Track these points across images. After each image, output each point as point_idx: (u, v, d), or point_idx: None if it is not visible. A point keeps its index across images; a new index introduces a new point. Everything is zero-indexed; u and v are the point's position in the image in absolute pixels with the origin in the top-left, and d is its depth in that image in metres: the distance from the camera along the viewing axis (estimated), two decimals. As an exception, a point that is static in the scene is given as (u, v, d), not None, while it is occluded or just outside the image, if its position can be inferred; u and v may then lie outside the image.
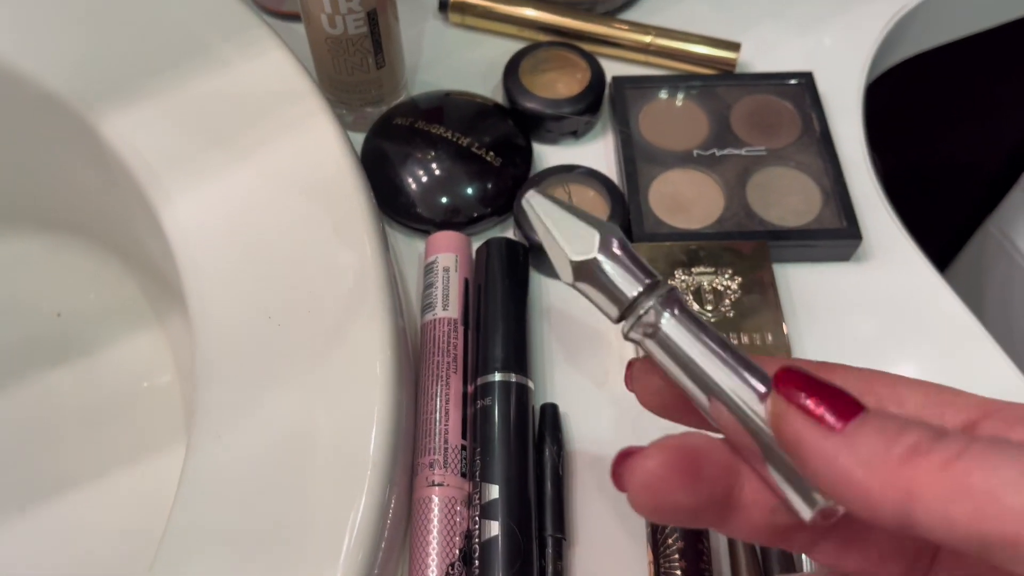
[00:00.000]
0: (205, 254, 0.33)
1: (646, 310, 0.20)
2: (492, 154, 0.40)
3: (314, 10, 0.37)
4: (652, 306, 0.20)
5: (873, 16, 0.48)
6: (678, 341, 0.20)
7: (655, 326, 0.20)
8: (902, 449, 0.15)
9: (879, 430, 0.16)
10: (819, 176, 0.40)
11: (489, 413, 0.32)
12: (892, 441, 0.16)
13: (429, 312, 0.35)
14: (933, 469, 0.15)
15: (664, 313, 0.20)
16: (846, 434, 0.16)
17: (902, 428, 0.16)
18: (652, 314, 0.20)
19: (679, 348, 0.20)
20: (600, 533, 0.32)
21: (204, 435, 0.29)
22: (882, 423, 0.16)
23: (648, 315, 0.20)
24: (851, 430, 0.16)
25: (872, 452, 0.16)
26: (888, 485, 0.15)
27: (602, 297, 0.21)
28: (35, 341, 0.44)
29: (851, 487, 0.16)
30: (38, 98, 0.37)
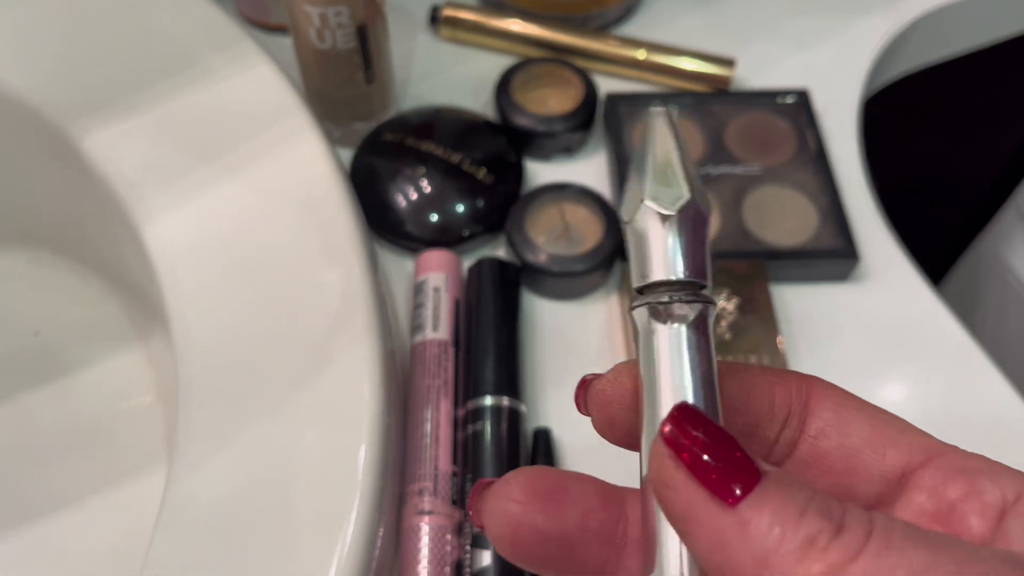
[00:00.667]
0: (188, 274, 0.32)
1: (673, 299, 0.17)
2: (484, 171, 0.39)
3: (302, 24, 0.36)
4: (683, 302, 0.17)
5: (869, 33, 0.48)
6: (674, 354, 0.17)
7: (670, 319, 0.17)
8: (798, 543, 0.14)
9: (777, 511, 0.14)
10: (816, 195, 0.39)
11: (480, 438, 0.31)
12: (789, 530, 0.14)
13: (419, 333, 0.35)
14: (828, 571, 0.14)
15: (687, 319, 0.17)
16: (740, 513, 0.14)
17: (801, 513, 0.14)
18: (676, 307, 0.17)
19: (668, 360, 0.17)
20: (594, 562, 0.32)
21: (185, 462, 0.28)
22: (780, 502, 0.14)
23: (673, 306, 0.17)
24: (745, 508, 0.14)
25: (765, 542, 0.14)
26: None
27: (640, 257, 0.18)
28: (13, 360, 0.43)
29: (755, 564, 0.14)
30: (18, 112, 0.36)
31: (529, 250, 0.37)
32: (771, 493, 0.14)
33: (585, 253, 0.37)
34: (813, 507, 0.14)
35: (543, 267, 0.37)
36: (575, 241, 0.38)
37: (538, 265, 0.37)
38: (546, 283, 0.37)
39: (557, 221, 0.38)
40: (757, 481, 0.15)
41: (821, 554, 0.14)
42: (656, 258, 0.17)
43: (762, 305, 0.36)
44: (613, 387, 0.18)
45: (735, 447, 0.15)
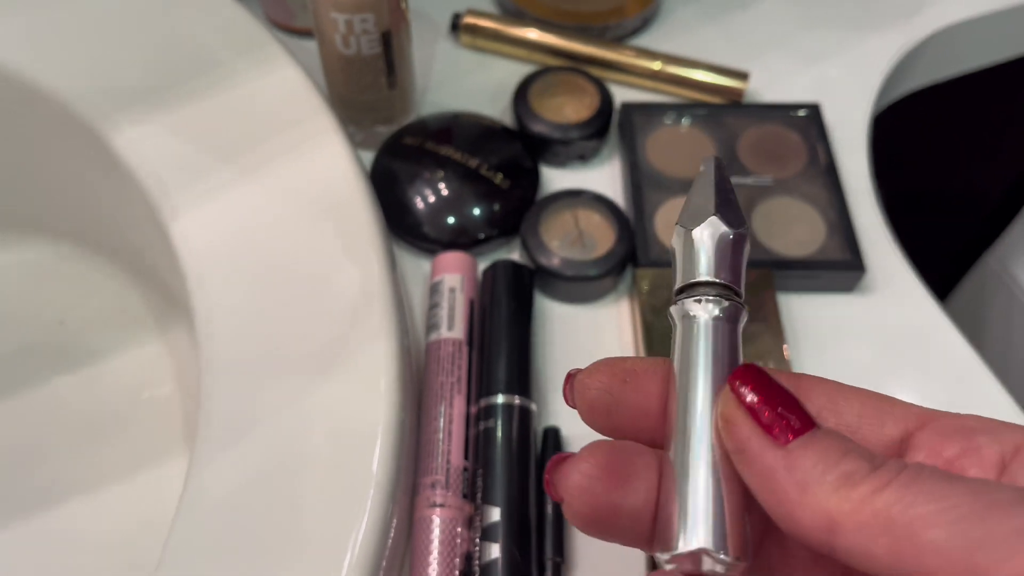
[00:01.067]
0: (212, 269, 0.33)
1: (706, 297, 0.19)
2: (500, 176, 0.40)
3: (328, 30, 0.37)
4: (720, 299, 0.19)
5: (882, 49, 0.48)
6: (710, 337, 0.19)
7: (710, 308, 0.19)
8: (836, 476, 0.16)
9: (821, 452, 0.16)
10: (824, 207, 0.40)
11: (492, 435, 0.32)
12: (830, 466, 0.16)
13: (434, 332, 0.36)
14: (859, 500, 0.15)
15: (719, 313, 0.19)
16: (789, 450, 0.16)
17: (843, 454, 0.16)
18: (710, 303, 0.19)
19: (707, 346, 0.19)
20: (600, 557, 0.32)
21: (207, 450, 0.29)
22: (826, 446, 0.16)
23: (706, 303, 0.19)
24: (795, 447, 0.16)
25: (808, 475, 0.16)
26: (816, 511, 0.16)
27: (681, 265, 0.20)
28: (37, 348, 0.44)
29: (782, 505, 0.16)
30: (51, 108, 0.37)
31: (543, 254, 0.38)
32: (818, 439, 0.16)
33: (597, 258, 0.38)
34: (854, 451, 0.16)
35: (556, 271, 0.38)
36: (588, 246, 0.39)
37: (551, 269, 0.38)
38: (559, 287, 0.38)
39: (571, 226, 0.39)
40: (808, 429, 0.16)
41: (855, 486, 0.15)
42: (704, 263, 0.20)
43: (769, 313, 0.37)
44: (592, 378, 0.20)
45: (794, 402, 0.17)
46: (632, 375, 0.20)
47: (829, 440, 0.16)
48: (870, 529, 0.15)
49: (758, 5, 0.50)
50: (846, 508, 0.15)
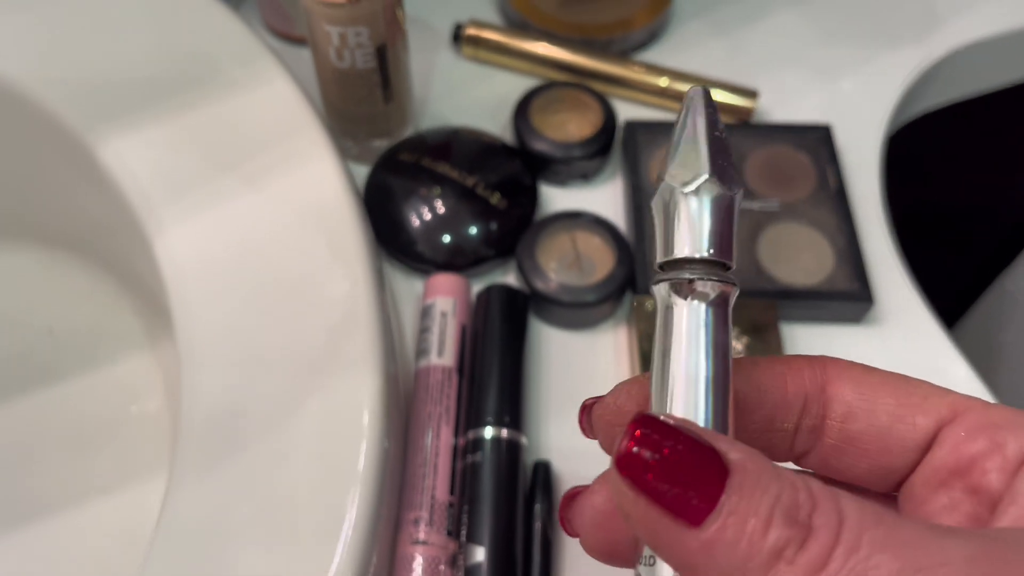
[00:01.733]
0: (196, 288, 0.32)
1: (694, 278, 0.17)
2: (498, 196, 0.39)
3: (322, 43, 0.36)
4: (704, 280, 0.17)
5: (897, 68, 0.47)
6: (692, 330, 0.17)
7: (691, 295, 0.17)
8: (764, 557, 0.14)
9: (741, 524, 0.14)
10: (833, 234, 0.39)
11: (479, 470, 0.31)
12: (756, 544, 0.14)
13: (423, 358, 0.34)
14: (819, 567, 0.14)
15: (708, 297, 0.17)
16: (704, 533, 0.14)
17: (767, 522, 0.14)
18: (698, 285, 0.17)
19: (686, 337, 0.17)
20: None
21: (183, 481, 0.28)
22: (745, 513, 0.14)
23: (696, 284, 0.17)
24: (710, 527, 0.14)
25: (732, 561, 0.14)
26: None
27: (665, 233, 0.18)
28: (25, 356, 0.44)
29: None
30: (38, 117, 0.36)
31: (539, 277, 0.37)
32: (734, 503, 0.14)
33: (595, 284, 0.36)
34: (779, 512, 0.14)
35: (552, 296, 0.36)
36: (586, 271, 0.37)
37: (547, 294, 0.36)
38: (554, 312, 0.37)
39: (568, 249, 0.38)
40: (721, 489, 0.14)
41: (788, 567, 0.14)
42: (680, 235, 0.17)
43: (772, 346, 0.35)
44: (613, 411, 0.18)
45: (697, 448, 0.15)
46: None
47: (747, 500, 0.14)
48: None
49: (769, 19, 0.49)
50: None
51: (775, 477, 0.14)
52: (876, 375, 0.18)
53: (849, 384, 0.18)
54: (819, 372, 0.18)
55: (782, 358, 0.19)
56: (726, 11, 0.49)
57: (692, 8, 0.49)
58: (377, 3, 0.34)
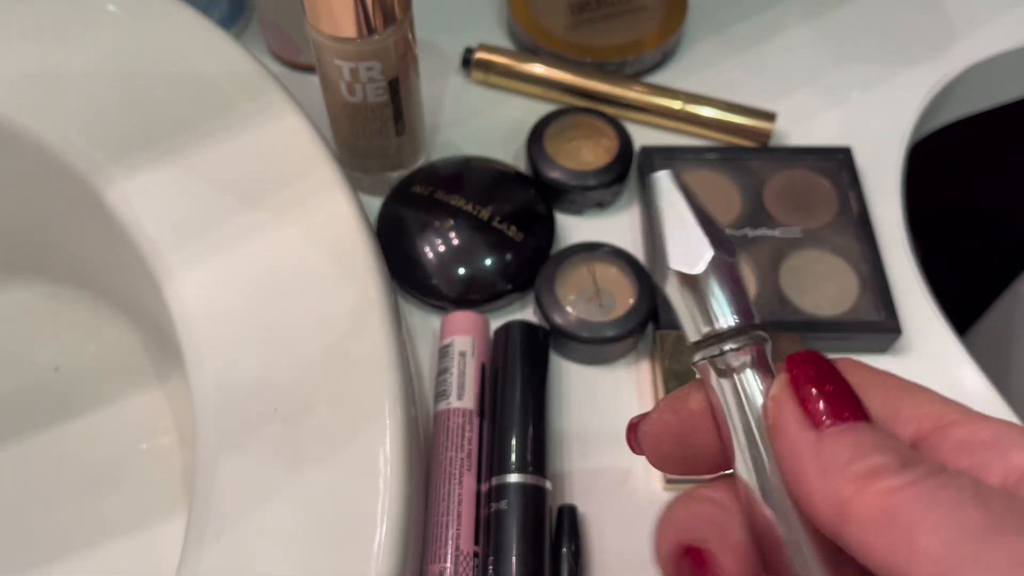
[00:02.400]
0: (209, 334, 0.31)
1: (729, 349, 0.18)
2: (513, 228, 0.38)
3: (332, 77, 0.35)
4: (739, 348, 0.18)
5: (915, 85, 0.46)
6: (751, 395, 0.18)
7: (732, 369, 0.18)
8: (860, 468, 0.15)
9: (854, 443, 0.16)
10: (856, 261, 0.38)
11: (504, 518, 0.30)
12: (857, 457, 0.16)
13: (443, 400, 0.34)
14: (875, 494, 0.15)
15: (746, 360, 0.18)
16: (822, 435, 0.16)
17: (875, 449, 0.16)
18: (733, 356, 0.18)
19: (746, 402, 0.18)
20: (618, 650, 0.30)
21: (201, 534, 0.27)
22: (861, 438, 0.16)
23: (729, 356, 0.18)
24: (829, 434, 0.16)
25: (832, 461, 0.16)
26: (831, 497, 0.15)
27: (688, 314, 0.19)
28: (31, 395, 0.43)
29: (801, 485, 0.16)
30: (43, 158, 0.36)
31: (558, 312, 0.36)
32: (856, 431, 0.16)
33: (616, 319, 0.36)
34: (891, 448, 0.16)
35: (572, 332, 0.35)
36: (606, 304, 0.37)
37: (567, 330, 0.35)
38: (574, 347, 0.36)
39: (588, 283, 0.37)
40: (852, 421, 0.16)
41: (875, 480, 0.15)
42: (700, 314, 0.18)
43: (799, 380, 0.35)
44: (658, 427, 0.20)
45: (847, 392, 0.17)
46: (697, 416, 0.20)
47: (867, 434, 0.16)
48: (875, 524, 0.15)
49: (783, 38, 0.48)
50: (859, 499, 0.15)
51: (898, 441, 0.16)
52: (876, 377, 0.18)
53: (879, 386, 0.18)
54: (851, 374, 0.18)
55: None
56: (739, 30, 0.48)
57: (704, 28, 0.48)
58: (389, 37, 0.34)
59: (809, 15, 0.49)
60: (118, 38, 0.38)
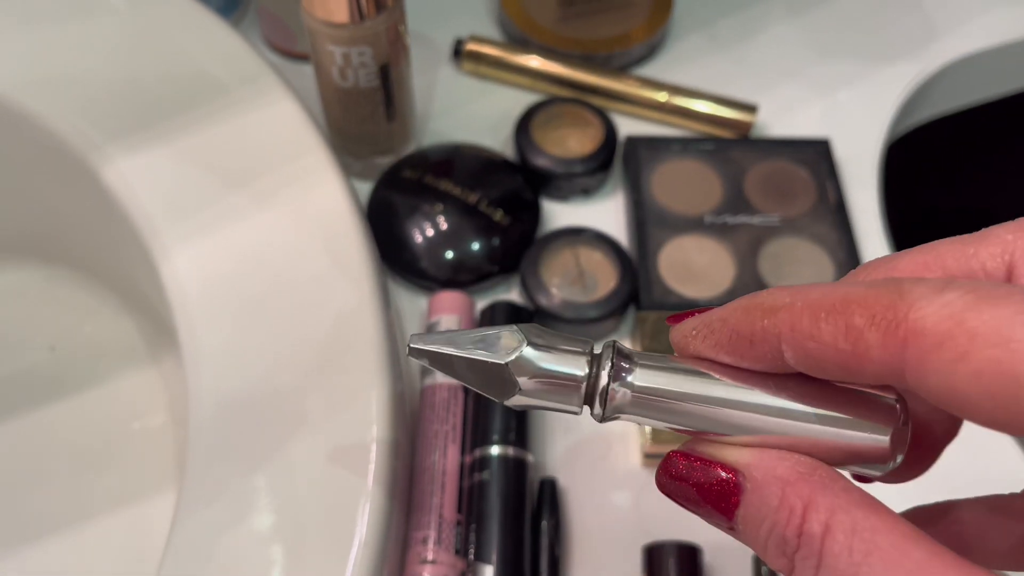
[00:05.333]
0: (201, 308, 0.32)
1: (606, 380, 0.18)
2: (500, 212, 0.39)
3: (325, 62, 0.36)
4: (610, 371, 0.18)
5: (894, 81, 0.47)
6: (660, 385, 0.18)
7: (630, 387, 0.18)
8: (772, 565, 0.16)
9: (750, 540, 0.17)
10: (833, 248, 0.39)
11: (486, 489, 0.31)
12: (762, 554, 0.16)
13: (429, 376, 0.35)
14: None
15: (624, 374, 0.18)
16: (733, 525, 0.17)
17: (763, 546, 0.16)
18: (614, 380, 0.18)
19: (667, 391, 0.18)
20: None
21: (193, 502, 0.28)
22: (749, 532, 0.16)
23: (611, 384, 0.18)
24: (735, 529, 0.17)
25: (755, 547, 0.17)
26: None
27: (555, 396, 0.18)
28: (28, 374, 0.44)
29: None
30: (43, 137, 0.36)
31: (542, 294, 0.37)
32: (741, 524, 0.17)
33: (599, 300, 0.37)
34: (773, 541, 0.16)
35: (556, 312, 0.37)
36: (589, 286, 0.38)
37: (551, 310, 0.37)
38: (558, 328, 0.37)
39: (571, 266, 0.38)
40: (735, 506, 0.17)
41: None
42: (564, 395, 0.18)
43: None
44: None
45: (712, 472, 0.17)
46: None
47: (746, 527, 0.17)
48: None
49: (767, 33, 0.49)
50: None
51: (775, 506, 0.16)
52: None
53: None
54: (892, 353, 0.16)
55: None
56: (724, 26, 0.50)
57: (690, 23, 0.49)
58: (381, 24, 0.35)
59: (792, 11, 0.50)
60: (118, 23, 0.38)
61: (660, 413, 0.18)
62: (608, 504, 0.34)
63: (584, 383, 0.18)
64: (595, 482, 0.34)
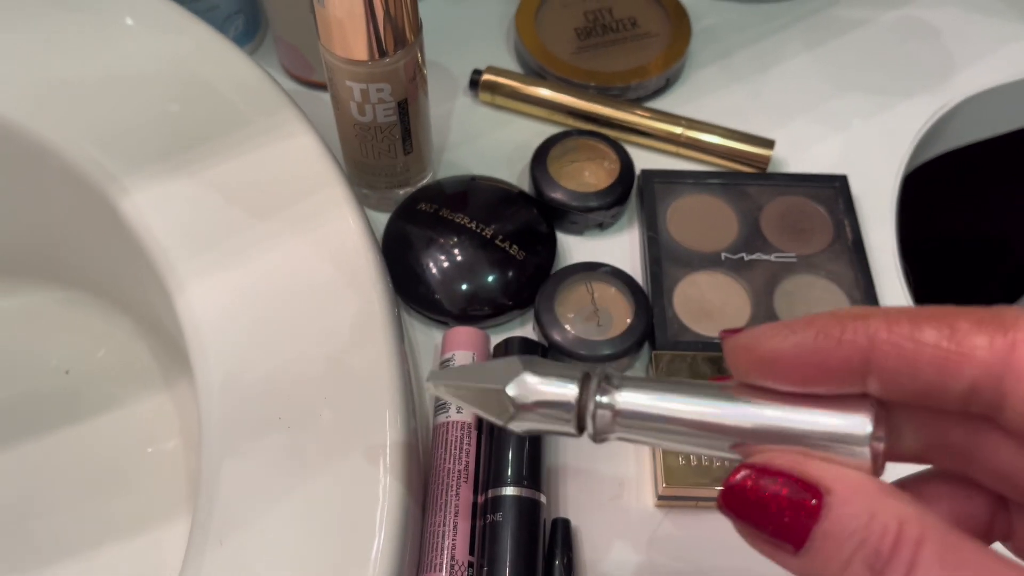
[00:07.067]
0: (217, 343, 0.32)
1: (594, 404, 0.20)
2: (516, 247, 0.39)
3: (343, 97, 0.36)
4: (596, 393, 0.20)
5: (912, 116, 0.47)
6: (643, 407, 0.19)
7: (611, 409, 0.19)
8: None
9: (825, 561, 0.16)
10: (850, 288, 0.39)
11: (499, 530, 0.31)
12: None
13: (442, 413, 0.34)
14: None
15: (611, 392, 0.20)
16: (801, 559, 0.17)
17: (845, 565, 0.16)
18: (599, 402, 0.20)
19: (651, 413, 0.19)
20: (607, 662, 0.31)
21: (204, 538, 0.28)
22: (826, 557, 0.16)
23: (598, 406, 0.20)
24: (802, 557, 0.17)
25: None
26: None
27: (551, 421, 0.20)
28: (41, 397, 0.44)
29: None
30: (61, 169, 0.37)
31: (556, 330, 0.37)
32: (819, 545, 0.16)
33: (614, 337, 0.37)
34: (859, 557, 0.16)
35: (570, 349, 0.36)
36: (603, 323, 0.37)
37: (565, 347, 0.36)
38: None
39: (586, 301, 0.38)
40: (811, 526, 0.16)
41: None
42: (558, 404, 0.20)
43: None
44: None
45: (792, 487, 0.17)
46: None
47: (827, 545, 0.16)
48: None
49: (784, 66, 0.49)
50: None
51: (866, 522, 0.16)
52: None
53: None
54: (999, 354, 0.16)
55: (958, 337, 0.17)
56: (741, 58, 0.49)
57: (707, 56, 0.49)
58: (400, 60, 0.35)
59: (809, 45, 0.50)
60: (136, 53, 0.39)
61: (648, 430, 0.19)
62: (621, 546, 0.34)
63: (576, 406, 0.20)
64: (608, 524, 0.34)
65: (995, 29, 0.51)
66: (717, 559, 0.33)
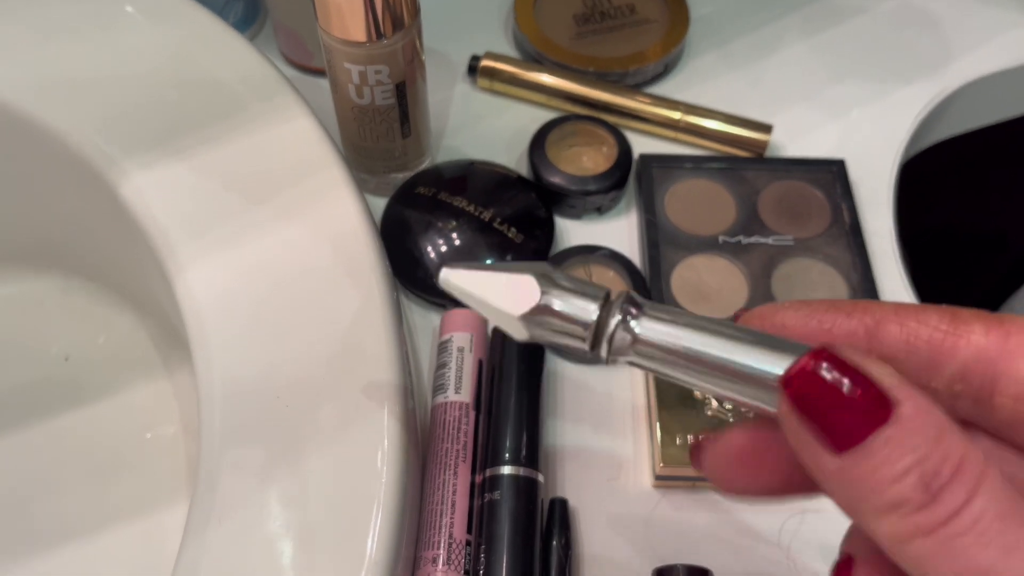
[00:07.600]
0: (216, 327, 0.32)
1: (614, 326, 0.19)
2: (514, 230, 0.39)
3: (341, 80, 0.36)
4: (617, 318, 0.19)
5: (910, 102, 0.47)
6: (662, 338, 0.18)
7: (632, 334, 0.19)
8: (884, 503, 0.15)
9: (875, 470, 0.15)
10: (847, 270, 0.39)
11: (497, 509, 0.31)
12: (878, 490, 0.15)
13: (441, 394, 0.35)
14: (905, 533, 0.15)
15: (634, 318, 0.19)
16: (839, 461, 0.15)
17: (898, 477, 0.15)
18: (620, 325, 0.19)
19: (669, 344, 0.18)
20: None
21: (203, 521, 0.28)
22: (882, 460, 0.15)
23: (618, 329, 0.19)
24: (848, 460, 0.15)
25: (854, 495, 0.15)
26: (871, 530, 0.15)
27: (565, 337, 0.19)
28: (42, 384, 0.44)
29: (848, 512, 0.16)
30: (61, 152, 0.37)
31: (555, 313, 0.37)
32: (877, 447, 0.15)
33: (611, 320, 0.37)
34: (915, 473, 0.15)
35: (568, 331, 0.36)
36: (601, 306, 0.38)
37: (563, 329, 0.36)
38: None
39: (584, 284, 0.38)
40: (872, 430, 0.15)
41: (903, 519, 0.15)
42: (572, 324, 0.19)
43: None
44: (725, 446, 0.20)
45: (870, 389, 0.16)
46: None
47: (889, 452, 0.15)
48: (912, 564, 0.15)
49: (782, 52, 0.49)
50: (893, 537, 0.15)
51: (932, 439, 0.15)
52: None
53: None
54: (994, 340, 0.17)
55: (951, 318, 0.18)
56: (739, 44, 0.50)
57: (705, 42, 0.50)
58: (397, 42, 0.35)
59: (808, 31, 0.50)
60: (135, 39, 0.39)
61: (666, 362, 0.19)
62: (618, 526, 0.34)
63: (594, 325, 0.19)
64: (605, 504, 0.34)
65: (992, 16, 0.51)
66: (714, 539, 0.33)
